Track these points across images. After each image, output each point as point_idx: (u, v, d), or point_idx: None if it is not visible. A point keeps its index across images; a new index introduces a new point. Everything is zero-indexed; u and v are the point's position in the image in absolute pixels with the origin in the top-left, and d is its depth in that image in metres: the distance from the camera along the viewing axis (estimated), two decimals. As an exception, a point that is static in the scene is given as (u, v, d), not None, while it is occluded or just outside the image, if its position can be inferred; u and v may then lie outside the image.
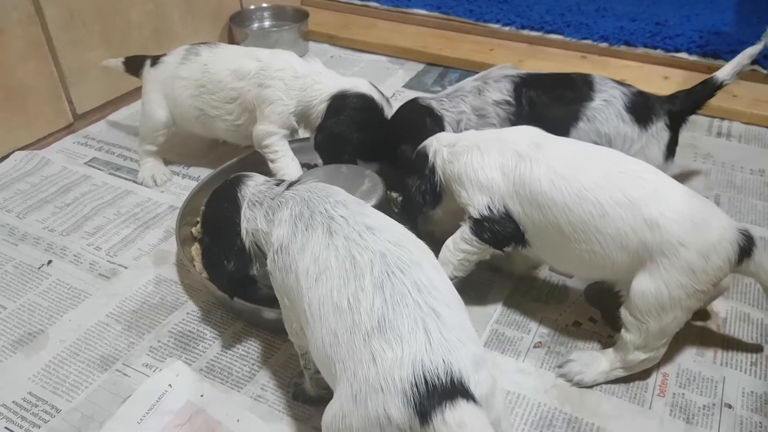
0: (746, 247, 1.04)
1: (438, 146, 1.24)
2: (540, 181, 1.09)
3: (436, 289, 0.82)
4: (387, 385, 0.74)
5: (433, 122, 1.41)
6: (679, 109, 1.39)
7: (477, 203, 1.16)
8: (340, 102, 1.48)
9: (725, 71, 1.36)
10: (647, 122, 1.36)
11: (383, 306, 0.79)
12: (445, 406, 0.71)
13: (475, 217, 1.16)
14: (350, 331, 0.79)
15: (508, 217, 1.14)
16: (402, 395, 0.73)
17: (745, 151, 1.81)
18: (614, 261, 1.06)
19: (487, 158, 1.15)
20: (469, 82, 1.45)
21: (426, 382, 0.73)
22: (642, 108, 1.37)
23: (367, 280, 0.82)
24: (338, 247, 0.87)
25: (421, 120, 1.42)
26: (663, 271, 1.02)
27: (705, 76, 1.43)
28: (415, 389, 0.73)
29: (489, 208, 1.15)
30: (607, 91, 1.37)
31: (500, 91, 1.40)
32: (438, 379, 0.73)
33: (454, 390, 0.73)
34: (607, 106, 1.36)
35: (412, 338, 0.76)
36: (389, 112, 1.53)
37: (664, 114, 1.37)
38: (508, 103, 1.39)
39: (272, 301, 1.19)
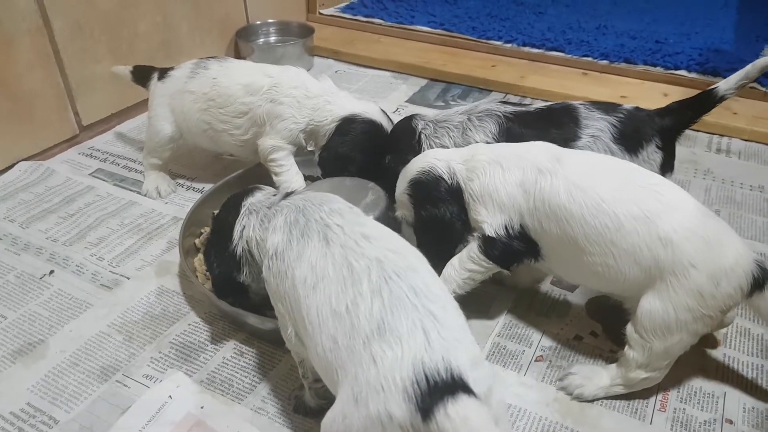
0: (760, 279, 1.01)
1: (450, 164, 1.21)
2: (559, 195, 1.08)
3: (433, 293, 0.83)
4: (388, 384, 0.74)
5: (417, 147, 1.41)
6: (672, 124, 1.35)
7: (495, 222, 1.15)
8: (349, 125, 1.50)
9: (729, 83, 1.30)
10: (637, 149, 1.33)
11: (381, 309, 0.80)
12: (447, 400, 0.72)
13: (488, 234, 1.16)
14: (349, 335, 0.80)
15: (521, 236, 1.14)
16: (403, 393, 0.73)
17: (745, 168, 1.83)
18: (627, 276, 1.05)
19: (509, 175, 1.14)
20: (456, 115, 1.43)
21: (427, 378, 0.74)
22: (631, 135, 1.33)
23: (365, 286, 0.83)
24: (335, 255, 0.89)
25: (408, 141, 1.43)
26: (672, 292, 1.01)
27: (705, 94, 1.41)
28: (416, 386, 0.73)
29: (505, 227, 1.14)
30: (594, 125, 1.34)
31: (484, 133, 1.37)
32: (438, 375, 0.74)
33: (455, 385, 0.74)
34: (594, 142, 1.33)
35: (411, 338, 0.77)
36: None
37: (655, 134, 1.33)
38: None
39: (259, 308, 1.21)
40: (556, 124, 1.36)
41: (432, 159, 1.23)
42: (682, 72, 2.22)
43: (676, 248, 1.00)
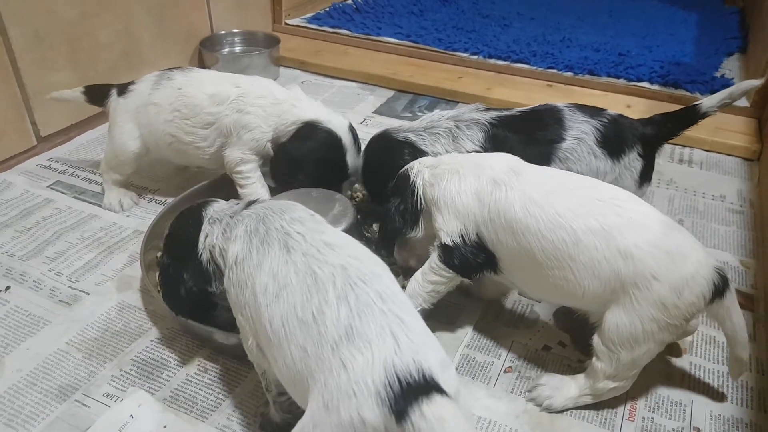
0: (720, 288, 1.02)
1: (420, 168, 1.24)
2: (514, 208, 1.08)
3: (398, 298, 0.84)
4: (359, 389, 0.74)
5: (414, 156, 1.38)
6: (654, 134, 1.38)
7: (450, 229, 1.15)
8: (308, 130, 1.47)
9: (713, 100, 1.34)
10: (620, 154, 1.36)
11: (349, 315, 0.80)
12: (422, 401, 0.72)
13: (445, 242, 1.16)
14: (317, 343, 0.80)
15: (479, 245, 1.14)
16: (376, 396, 0.73)
17: (707, 177, 1.87)
18: (586, 290, 1.05)
19: (464, 184, 1.15)
20: (442, 120, 1.43)
21: (399, 380, 0.74)
22: (614, 140, 1.36)
23: (331, 293, 0.83)
24: (297, 263, 0.88)
25: (400, 156, 1.40)
26: (636, 305, 1.02)
27: (666, 105, 1.45)
28: (388, 389, 0.73)
29: (462, 236, 1.14)
30: (578, 127, 1.36)
31: (472, 142, 1.38)
32: (411, 376, 0.74)
33: (427, 385, 0.74)
34: (579, 145, 1.35)
35: (381, 342, 0.77)
36: (353, 155, 1.50)
37: (637, 142, 1.36)
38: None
39: (232, 326, 1.17)
40: (541, 126, 1.38)
41: (416, 161, 1.27)
42: (645, 84, 2.26)
43: (637, 261, 1.01)
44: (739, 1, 3.13)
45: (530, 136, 1.36)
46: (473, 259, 1.15)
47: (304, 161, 1.47)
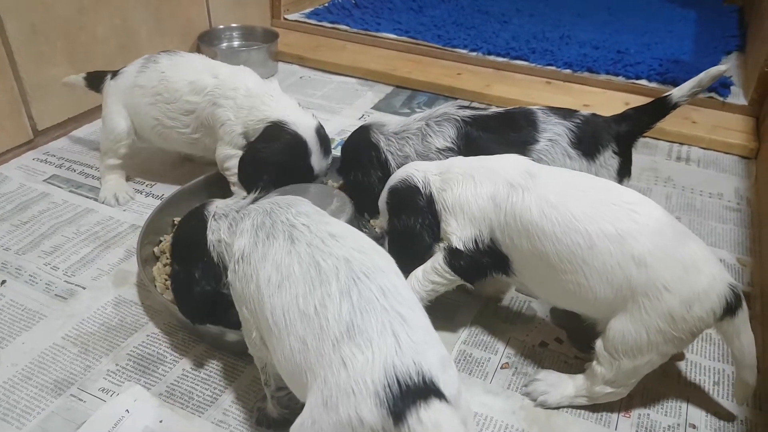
0: (732, 305, 1.01)
1: (426, 175, 1.21)
2: (530, 211, 1.07)
3: (401, 294, 0.83)
4: (359, 388, 0.74)
5: (378, 160, 1.40)
6: (628, 130, 1.37)
7: (464, 234, 1.14)
8: (274, 131, 1.44)
9: (683, 90, 1.34)
10: (594, 154, 1.35)
11: (351, 311, 0.79)
12: (420, 405, 0.72)
13: (455, 246, 1.15)
14: (318, 337, 0.79)
15: (491, 250, 1.13)
16: (374, 397, 0.73)
17: (704, 175, 1.87)
18: (598, 295, 1.04)
19: (480, 188, 1.13)
20: (414, 122, 1.42)
21: (399, 382, 0.73)
22: (588, 140, 1.35)
23: (334, 287, 0.82)
24: (300, 253, 0.87)
25: (367, 155, 1.41)
26: (644, 314, 1.00)
27: (665, 103, 1.44)
28: (387, 390, 0.73)
29: (475, 241, 1.13)
30: (552, 129, 1.35)
31: (443, 137, 1.37)
32: (410, 379, 0.74)
33: (426, 389, 0.74)
34: (552, 146, 1.34)
35: (382, 341, 0.76)
36: (318, 158, 1.47)
37: (612, 140, 1.35)
38: (451, 150, 1.37)
39: (237, 324, 1.15)
40: (514, 127, 1.37)
41: (412, 169, 1.24)
42: (643, 81, 2.26)
43: (651, 270, 0.99)
44: (738, 0, 3.13)
45: (503, 136, 1.35)
46: (481, 264, 1.14)
47: (268, 163, 1.44)
